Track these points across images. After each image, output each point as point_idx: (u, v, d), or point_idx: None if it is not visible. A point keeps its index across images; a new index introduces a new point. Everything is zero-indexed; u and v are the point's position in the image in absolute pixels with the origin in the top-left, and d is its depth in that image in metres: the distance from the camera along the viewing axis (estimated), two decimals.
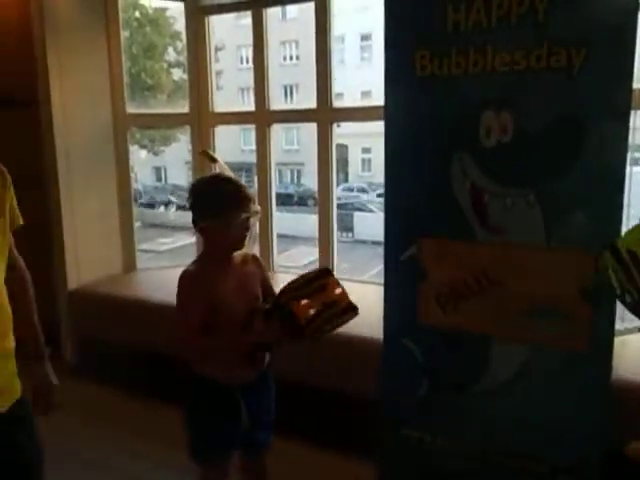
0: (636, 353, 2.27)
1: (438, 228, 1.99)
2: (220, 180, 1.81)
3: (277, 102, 3.49)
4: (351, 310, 1.71)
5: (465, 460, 2.03)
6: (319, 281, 1.69)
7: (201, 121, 3.46)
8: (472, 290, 1.93)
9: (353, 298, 3.06)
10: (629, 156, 1.80)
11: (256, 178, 3.47)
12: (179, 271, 1.76)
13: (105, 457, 2.68)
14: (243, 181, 1.82)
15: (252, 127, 3.43)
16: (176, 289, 1.71)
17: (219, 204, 1.67)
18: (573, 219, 1.77)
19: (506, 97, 1.79)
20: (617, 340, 1.86)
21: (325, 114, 3.14)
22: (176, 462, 1.87)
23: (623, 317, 2.20)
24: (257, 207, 1.77)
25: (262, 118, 3.34)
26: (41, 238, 3.42)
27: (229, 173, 1.82)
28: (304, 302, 1.62)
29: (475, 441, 2.01)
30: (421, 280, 2.02)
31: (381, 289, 2.22)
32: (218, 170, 1.86)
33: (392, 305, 2.13)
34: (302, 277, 1.69)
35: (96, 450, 2.73)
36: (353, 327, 2.55)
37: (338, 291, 1.71)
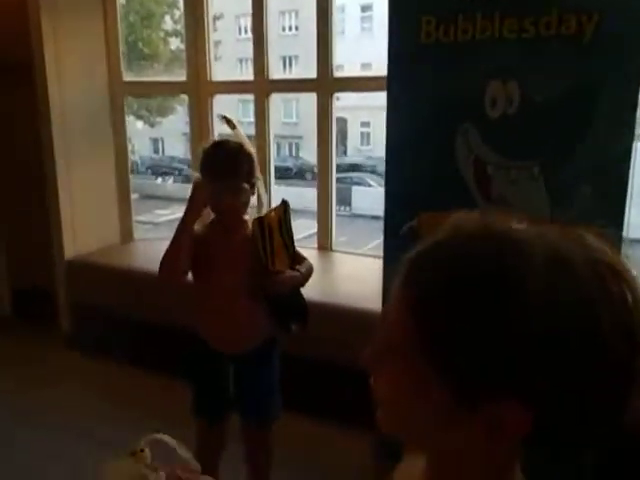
0: None
1: (440, 201, 1.95)
2: (214, 145, 1.78)
3: (276, 73, 3.42)
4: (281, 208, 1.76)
5: None
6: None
7: (199, 90, 3.39)
8: None
9: (351, 270, 3.06)
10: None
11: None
12: None
13: (99, 426, 2.68)
14: None
15: (251, 98, 3.37)
16: None
17: (200, 167, 1.73)
18: (577, 193, 1.74)
19: (513, 66, 1.74)
20: None
21: (325, 84, 3.07)
22: (172, 431, 1.89)
23: None
24: (249, 182, 1.73)
25: (261, 87, 3.27)
26: (38, 208, 3.39)
27: (245, 142, 1.77)
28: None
29: None
30: None
31: (379, 262, 2.20)
32: (233, 137, 1.82)
33: (391, 279, 2.11)
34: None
35: (92, 420, 2.74)
36: (352, 300, 2.56)
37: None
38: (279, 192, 3.62)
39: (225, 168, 1.68)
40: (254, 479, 2.01)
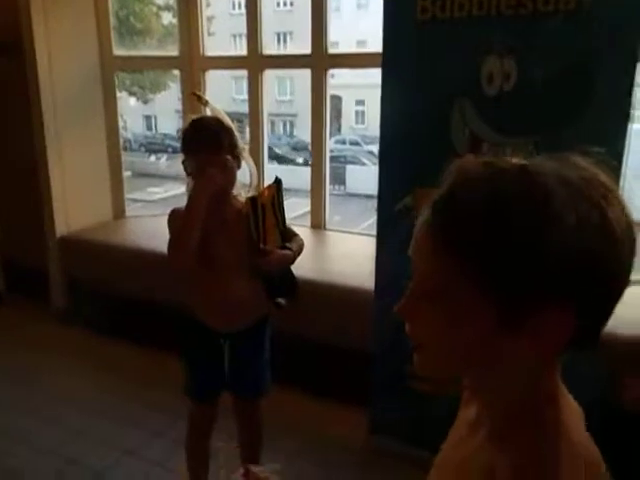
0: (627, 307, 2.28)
1: (435, 178, 1.94)
2: (194, 122, 1.74)
3: (270, 49, 3.37)
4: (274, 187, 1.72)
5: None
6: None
7: (192, 64, 3.34)
8: None
9: (345, 249, 3.06)
10: None
11: (248, 130, 3.38)
12: None
13: (95, 396, 2.71)
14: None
15: (244, 75, 3.32)
16: (166, 231, 1.71)
17: (182, 144, 1.71)
18: None
19: (511, 42, 1.72)
20: None
21: (320, 60, 3.03)
22: (168, 404, 1.91)
23: None
24: (232, 155, 1.70)
25: (254, 63, 3.22)
26: (30, 185, 3.35)
27: (222, 115, 1.75)
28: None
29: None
30: None
31: (373, 241, 2.19)
32: (209, 112, 1.79)
33: (385, 257, 2.11)
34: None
35: (88, 390, 2.77)
36: (346, 278, 2.56)
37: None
38: (273, 171, 3.59)
39: (207, 142, 1.65)
40: (247, 452, 2.03)
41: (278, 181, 1.71)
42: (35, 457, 2.30)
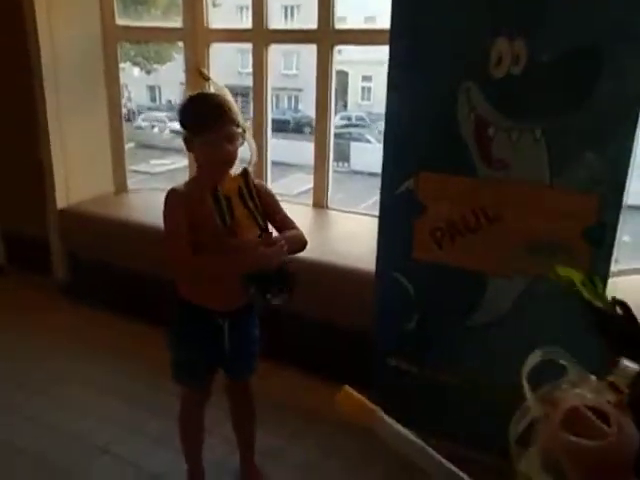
0: (625, 295, 2.26)
1: (439, 162, 1.92)
2: (201, 97, 1.73)
3: (277, 23, 3.30)
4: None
5: (455, 392, 2.05)
6: None
7: (195, 37, 3.27)
8: (470, 227, 1.89)
9: (346, 229, 3.03)
10: None
11: (252, 102, 3.34)
12: None
13: (98, 374, 2.72)
14: (238, 104, 1.73)
15: (250, 49, 3.26)
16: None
17: (190, 120, 1.67)
18: (579, 157, 1.70)
19: (521, 24, 1.67)
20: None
21: (326, 36, 2.97)
22: (166, 384, 1.92)
23: (617, 259, 2.17)
24: (239, 129, 1.67)
25: (260, 37, 3.16)
26: (31, 157, 3.33)
27: (224, 92, 1.72)
28: None
29: (469, 374, 2.02)
30: (418, 215, 1.97)
31: (375, 221, 2.17)
32: (212, 89, 1.75)
33: (386, 239, 2.09)
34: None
35: (91, 367, 2.78)
36: (346, 259, 2.55)
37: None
38: (277, 146, 3.56)
39: (219, 116, 1.63)
40: (244, 432, 2.04)
41: (245, 171, 1.68)
42: (33, 430, 2.32)
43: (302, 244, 1.76)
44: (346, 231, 3.00)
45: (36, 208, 3.41)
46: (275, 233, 1.72)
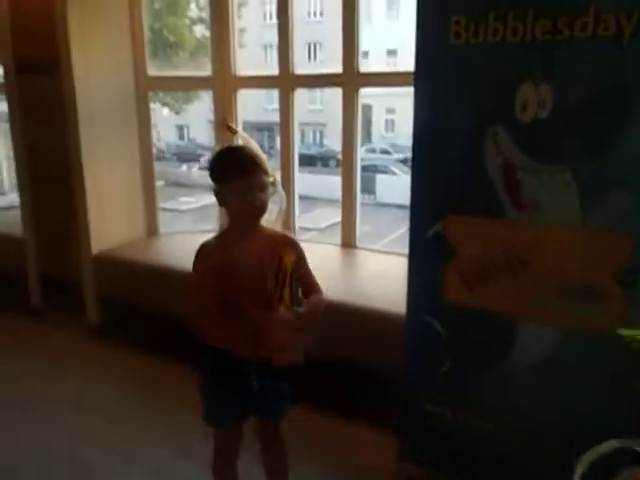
0: None
1: (468, 205, 1.92)
2: (230, 149, 1.78)
3: (301, 61, 3.37)
4: None
5: (487, 438, 2.01)
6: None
7: (223, 84, 3.37)
8: (501, 270, 1.87)
9: (376, 269, 3.03)
10: None
11: (278, 139, 3.41)
12: (200, 237, 1.77)
13: (123, 415, 2.74)
14: (265, 141, 1.77)
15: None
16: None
17: (221, 171, 1.70)
18: (611, 199, 1.68)
19: (546, 69, 1.68)
20: None
21: (351, 79, 3.03)
22: (196, 424, 1.92)
23: None
24: (270, 178, 1.72)
25: (286, 82, 3.24)
26: (65, 205, 3.43)
27: (252, 144, 1.76)
28: None
29: (500, 419, 1.98)
30: (448, 257, 1.96)
31: (403, 260, 2.17)
32: (240, 141, 1.80)
33: (416, 281, 2.08)
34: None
35: (124, 408, 2.80)
36: (376, 300, 2.54)
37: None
38: (303, 180, 3.60)
39: (253, 164, 1.67)
40: (275, 471, 2.02)
41: (294, 244, 1.75)
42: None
43: (321, 313, 1.78)
44: (375, 270, 2.99)
45: (71, 254, 3.50)
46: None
